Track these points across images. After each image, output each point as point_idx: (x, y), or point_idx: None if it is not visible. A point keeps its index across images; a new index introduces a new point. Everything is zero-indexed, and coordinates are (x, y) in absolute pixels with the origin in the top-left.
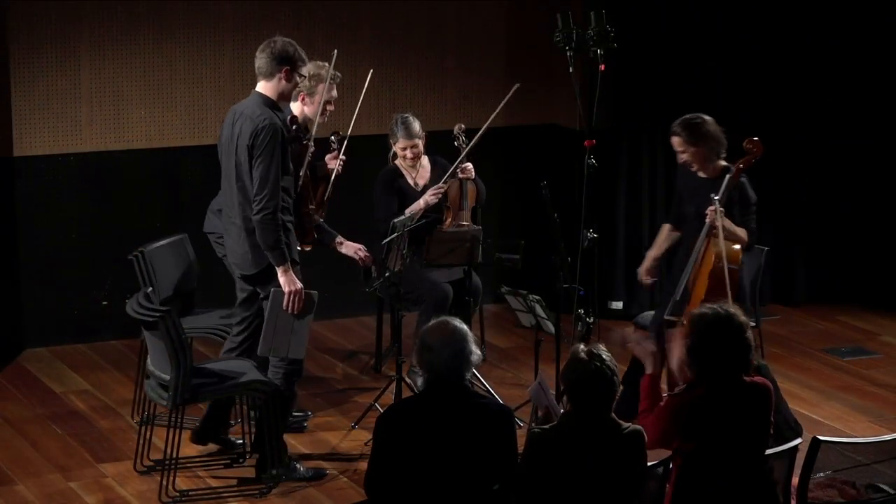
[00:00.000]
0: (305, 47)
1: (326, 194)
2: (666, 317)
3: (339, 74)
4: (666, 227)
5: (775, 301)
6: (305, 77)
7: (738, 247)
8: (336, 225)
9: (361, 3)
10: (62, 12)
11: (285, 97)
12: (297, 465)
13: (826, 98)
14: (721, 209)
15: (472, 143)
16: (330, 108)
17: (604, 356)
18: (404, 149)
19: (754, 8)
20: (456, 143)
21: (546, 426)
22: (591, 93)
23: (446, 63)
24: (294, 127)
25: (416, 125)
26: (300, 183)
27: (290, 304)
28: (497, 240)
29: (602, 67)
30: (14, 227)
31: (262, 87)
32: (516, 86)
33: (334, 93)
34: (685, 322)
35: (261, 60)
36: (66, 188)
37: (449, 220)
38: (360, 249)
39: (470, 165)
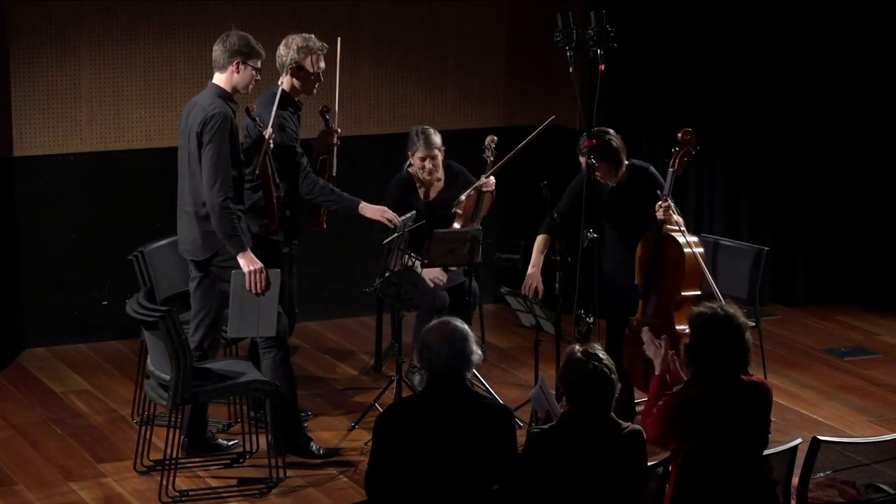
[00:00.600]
0: None
1: (334, 170)
2: (648, 318)
3: (325, 46)
4: (543, 238)
5: (775, 301)
6: (259, 69)
7: (696, 238)
8: (337, 224)
9: (361, 3)
10: (62, 12)
11: (240, 89)
12: (311, 442)
13: (826, 98)
14: (673, 204)
15: (499, 164)
16: (318, 80)
17: (600, 355)
18: (423, 159)
19: (754, 8)
20: (484, 156)
21: (545, 426)
22: (591, 93)
23: (446, 63)
24: (252, 114)
25: (437, 137)
26: (256, 171)
27: (252, 283)
28: (497, 240)
29: (602, 67)
30: (14, 227)
31: (217, 78)
32: (552, 118)
33: (322, 64)
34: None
35: (216, 53)
36: (66, 188)
37: (458, 227)
38: (385, 211)
39: (493, 179)
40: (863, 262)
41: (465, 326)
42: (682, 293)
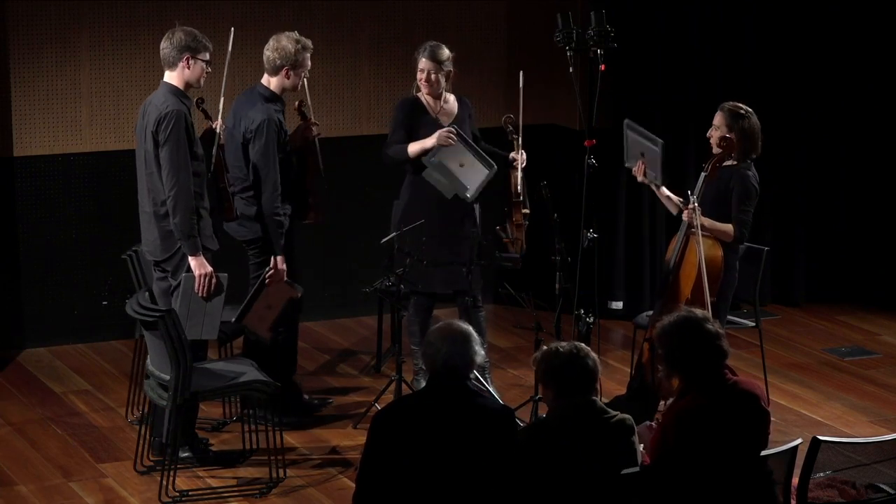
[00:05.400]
0: None
1: (320, 164)
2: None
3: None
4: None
5: (775, 301)
6: (210, 62)
7: (720, 253)
8: (337, 224)
9: (361, 3)
10: (62, 12)
11: (192, 83)
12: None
13: (826, 98)
14: (698, 208)
15: (520, 138)
16: (306, 77)
17: (575, 343)
18: (422, 70)
19: (754, 8)
20: (510, 138)
21: (532, 422)
22: (591, 93)
23: None
24: (202, 107)
25: (444, 53)
26: (213, 161)
27: (201, 287)
28: (497, 239)
29: (602, 67)
30: (14, 227)
31: (168, 76)
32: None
33: (309, 62)
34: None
35: (164, 51)
36: (66, 188)
37: (517, 214)
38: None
39: (524, 154)
40: (863, 262)
41: (469, 327)
42: (691, 298)
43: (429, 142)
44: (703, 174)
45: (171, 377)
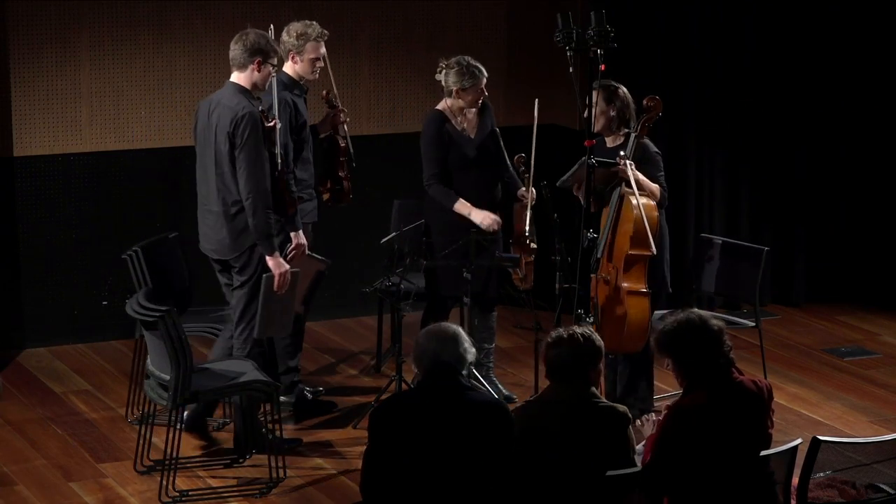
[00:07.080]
0: None
1: (350, 148)
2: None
3: (326, 32)
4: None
5: (775, 301)
6: (276, 66)
7: (652, 202)
8: (337, 224)
9: (361, 3)
10: (62, 12)
11: (258, 87)
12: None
13: (826, 98)
14: (631, 163)
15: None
16: (319, 64)
17: (566, 329)
18: (480, 93)
19: (754, 8)
20: (522, 177)
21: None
22: (591, 93)
23: None
24: (261, 110)
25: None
26: (278, 161)
27: (281, 285)
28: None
29: (602, 67)
30: (14, 227)
31: (236, 77)
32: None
33: (322, 50)
34: (653, 340)
35: (235, 52)
36: (66, 188)
37: (524, 253)
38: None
39: (533, 192)
40: (863, 262)
41: (457, 327)
42: (631, 252)
43: (476, 217)
44: (633, 134)
45: (171, 377)
